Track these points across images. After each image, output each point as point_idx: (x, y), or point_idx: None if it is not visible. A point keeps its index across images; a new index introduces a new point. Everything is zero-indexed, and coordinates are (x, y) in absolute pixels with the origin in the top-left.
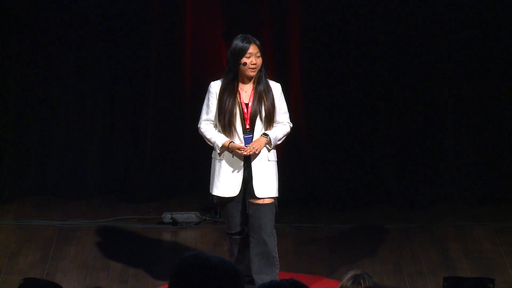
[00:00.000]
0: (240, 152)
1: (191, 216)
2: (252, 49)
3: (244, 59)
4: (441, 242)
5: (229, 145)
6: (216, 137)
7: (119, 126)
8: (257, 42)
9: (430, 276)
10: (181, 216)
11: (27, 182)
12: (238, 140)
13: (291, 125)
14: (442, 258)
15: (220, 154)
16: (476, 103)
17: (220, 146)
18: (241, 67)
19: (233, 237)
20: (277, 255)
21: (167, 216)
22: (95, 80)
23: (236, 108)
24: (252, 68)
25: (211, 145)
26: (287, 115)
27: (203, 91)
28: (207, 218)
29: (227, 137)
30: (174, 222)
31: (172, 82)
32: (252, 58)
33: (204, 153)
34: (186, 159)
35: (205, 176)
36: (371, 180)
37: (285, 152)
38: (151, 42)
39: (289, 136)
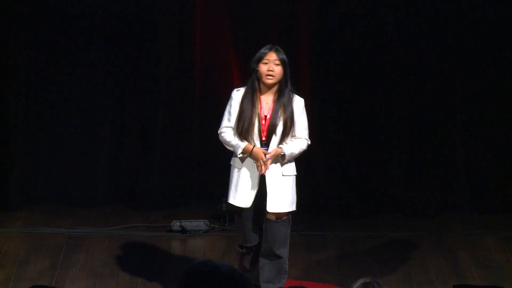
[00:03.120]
0: (259, 163)
1: (200, 224)
2: (270, 55)
3: (260, 65)
4: (451, 251)
5: (253, 149)
6: (236, 141)
7: (128, 134)
8: (280, 53)
9: (439, 285)
10: (190, 224)
11: (36, 190)
12: None
13: (309, 142)
14: (452, 267)
15: (242, 160)
16: (487, 110)
17: (242, 147)
18: (259, 74)
19: (245, 251)
20: (287, 266)
21: (176, 224)
22: (104, 88)
23: (255, 119)
24: (269, 76)
25: (231, 149)
26: (306, 132)
27: (213, 99)
28: (216, 226)
29: None
30: (183, 230)
31: (181, 90)
32: (270, 65)
33: (213, 161)
34: (195, 167)
35: (215, 184)
36: (380, 188)
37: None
38: (160, 50)
39: None
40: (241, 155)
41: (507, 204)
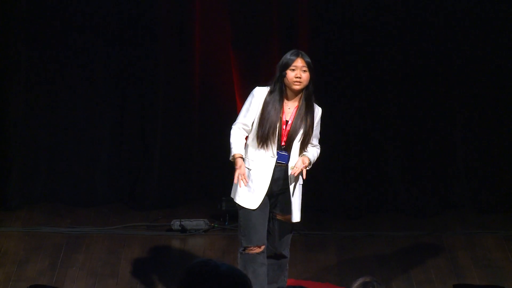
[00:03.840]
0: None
1: (200, 223)
2: (298, 62)
3: (288, 71)
4: (450, 250)
5: (235, 158)
6: (235, 144)
7: (128, 133)
8: (306, 58)
9: (439, 284)
10: (189, 223)
11: (36, 189)
12: (271, 154)
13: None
14: (451, 266)
15: (252, 160)
16: (486, 110)
17: (231, 155)
18: (286, 80)
19: (252, 252)
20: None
21: (175, 223)
22: (104, 87)
23: (277, 124)
24: (296, 82)
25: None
26: (317, 139)
27: (213, 99)
28: (216, 225)
29: (261, 149)
30: (183, 229)
31: (181, 90)
32: (297, 72)
33: (213, 160)
34: (195, 166)
35: (214, 183)
36: (380, 188)
37: None
38: (160, 50)
39: None
40: (232, 160)
41: (506, 204)
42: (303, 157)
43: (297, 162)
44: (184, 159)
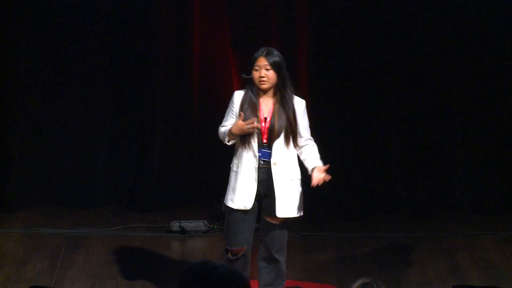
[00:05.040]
0: (248, 126)
1: (199, 224)
2: (260, 61)
3: (253, 72)
4: (450, 251)
5: (232, 129)
6: (225, 129)
7: (127, 134)
8: (270, 57)
9: (438, 285)
10: (189, 225)
11: (35, 190)
12: (253, 153)
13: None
14: (451, 268)
15: (240, 164)
16: (486, 111)
17: (227, 133)
18: (254, 80)
19: (231, 257)
20: (285, 268)
21: (175, 225)
22: (103, 89)
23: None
24: (261, 81)
25: (225, 142)
26: (308, 131)
27: (212, 99)
28: (215, 226)
29: (244, 149)
30: (182, 231)
31: (180, 90)
32: (260, 71)
33: (212, 161)
34: (194, 167)
35: (214, 184)
36: (380, 189)
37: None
38: (159, 50)
39: None
40: (230, 142)
41: (506, 205)
42: (316, 167)
43: (314, 174)
44: (183, 160)
